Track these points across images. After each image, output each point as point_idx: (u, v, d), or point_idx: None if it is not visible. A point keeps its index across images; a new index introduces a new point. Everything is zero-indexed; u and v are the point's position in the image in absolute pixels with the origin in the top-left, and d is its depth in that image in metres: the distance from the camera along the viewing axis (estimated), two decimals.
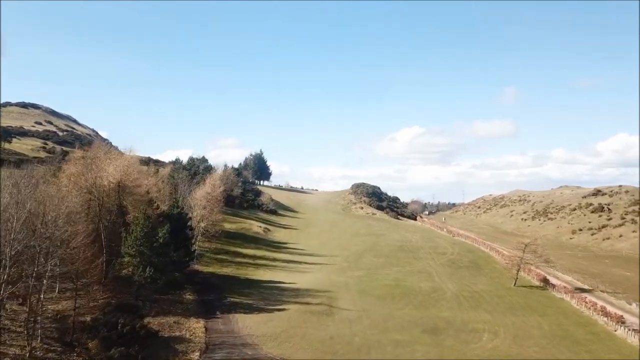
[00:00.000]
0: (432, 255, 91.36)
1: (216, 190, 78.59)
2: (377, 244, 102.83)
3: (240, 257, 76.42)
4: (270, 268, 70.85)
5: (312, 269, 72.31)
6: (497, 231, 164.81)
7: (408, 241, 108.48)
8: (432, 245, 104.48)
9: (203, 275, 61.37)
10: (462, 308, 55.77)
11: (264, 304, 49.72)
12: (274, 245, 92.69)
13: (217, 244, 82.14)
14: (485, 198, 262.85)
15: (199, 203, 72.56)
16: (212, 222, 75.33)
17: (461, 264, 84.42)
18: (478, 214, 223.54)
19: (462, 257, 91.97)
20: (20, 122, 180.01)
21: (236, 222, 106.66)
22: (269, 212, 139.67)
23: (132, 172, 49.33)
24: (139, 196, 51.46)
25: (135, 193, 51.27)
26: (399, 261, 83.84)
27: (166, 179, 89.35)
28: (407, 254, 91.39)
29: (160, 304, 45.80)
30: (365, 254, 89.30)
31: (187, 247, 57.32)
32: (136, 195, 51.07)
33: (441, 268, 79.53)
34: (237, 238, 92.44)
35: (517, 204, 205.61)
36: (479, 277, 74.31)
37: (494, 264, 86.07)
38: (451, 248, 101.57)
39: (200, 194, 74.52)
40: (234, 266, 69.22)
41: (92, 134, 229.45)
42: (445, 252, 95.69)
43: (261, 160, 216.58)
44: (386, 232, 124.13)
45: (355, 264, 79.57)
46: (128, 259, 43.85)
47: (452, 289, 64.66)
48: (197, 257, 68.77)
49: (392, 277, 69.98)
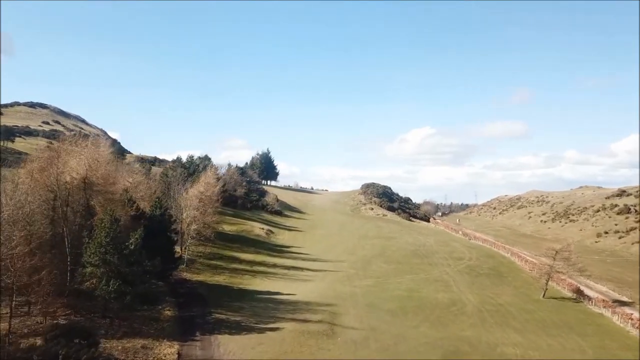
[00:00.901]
0: (449, 261, 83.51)
1: (210, 190, 71.43)
2: (387, 247, 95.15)
3: (237, 262, 69.23)
4: (268, 276, 63.52)
5: (315, 277, 64.89)
6: (515, 234, 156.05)
7: (421, 245, 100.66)
8: (448, 249, 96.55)
9: (190, 285, 54.22)
10: (487, 325, 47.95)
11: (254, 321, 42.31)
12: (276, 249, 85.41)
13: (212, 248, 75.11)
14: (501, 199, 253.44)
15: (191, 203, 65.50)
16: (205, 225, 68.31)
17: (481, 271, 76.51)
18: (494, 215, 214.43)
19: (482, 263, 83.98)
20: (28, 121, 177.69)
21: (237, 224, 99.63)
22: (274, 213, 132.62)
23: (100, 167, 42.24)
24: (111, 195, 44.39)
25: (108, 192, 44.22)
26: (412, 268, 76.14)
27: (159, 177, 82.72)
28: (421, 260, 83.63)
29: (130, 322, 38.65)
30: (375, 260, 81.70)
31: (170, 253, 50.26)
32: (109, 194, 44.00)
33: (459, 276, 71.69)
34: (236, 241, 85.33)
35: (534, 205, 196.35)
36: (502, 287, 66.37)
37: (517, 272, 77.99)
38: (468, 253, 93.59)
39: (193, 193, 67.46)
40: (228, 274, 61.99)
41: (100, 133, 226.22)
42: (463, 257, 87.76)
43: (268, 160, 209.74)
44: (397, 234, 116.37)
45: (364, 270, 72.02)
46: (91, 270, 36.77)
47: (473, 301, 56.84)
48: (187, 263, 61.74)
49: (404, 287, 62.32)
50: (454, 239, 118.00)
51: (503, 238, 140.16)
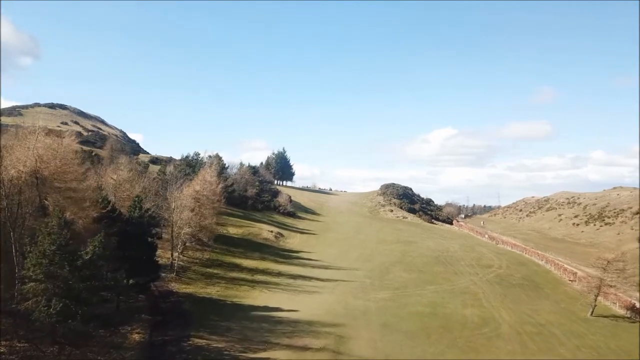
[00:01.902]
0: (476, 269, 74.55)
1: (209, 188, 63.92)
2: (407, 253, 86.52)
3: (236, 270, 61.54)
4: (270, 287, 55.60)
5: (323, 288, 56.76)
6: (545, 238, 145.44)
7: (445, 250, 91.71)
8: (475, 255, 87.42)
9: (175, 299, 46.60)
10: (529, 353, 39.29)
11: (240, 348, 34.42)
12: (284, 255, 77.52)
13: (211, 254, 67.66)
14: (527, 200, 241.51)
15: (185, 204, 58.04)
16: (201, 227, 60.90)
17: (513, 281, 67.49)
18: (520, 217, 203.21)
19: (513, 271, 74.83)
20: (47, 122, 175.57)
21: (244, 226, 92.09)
22: (286, 214, 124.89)
23: (55, 160, 34.91)
24: (75, 193, 37.05)
25: (71, 189, 36.90)
26: (435, 277, 67.48)
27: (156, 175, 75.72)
28: (445, 268, 74.83)
29: (85, 350, 31.18)
30: (393, 267, 73.22)
31: (150, 262, 42.76)
32: (71, 191, 36.68)
33: (489, 287, 62.82)
34: (241, 245, 77.74)
35: (565, 206, 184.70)
36: (539, 301, 57.34)
37: (555, 283, 68.76)
38: (497, 259, 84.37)
39: (188, 192, 60.04)
40: (224, 284, 54.31)
41: (119, 134, 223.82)
42: (491, 265, 78.66)
43: (284, 160, 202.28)
44: (419, 238, 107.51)
45: (380, 280, 63.68)
46: (31, 286, 29.40)
47: (509, 319, 48.05)
48: (178, 272, 54.26)
49: (426, 301, 53.79)
50: (479, 244, 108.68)
51: (532, 242, 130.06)
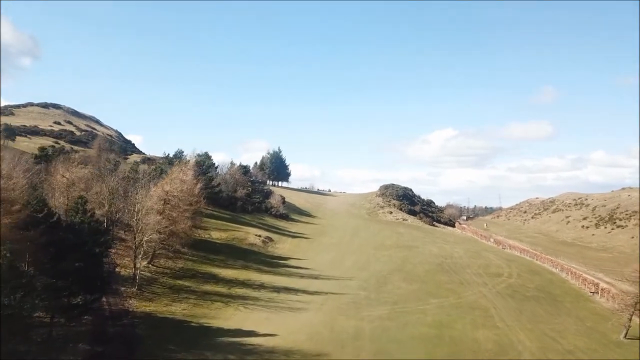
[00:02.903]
0: (484, 278, 66.82)
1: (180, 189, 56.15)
2: (408, 260, 78.79)
3: (212, 282, 53.75)
4: (247, 303, 47.75)
5: (310, 304, 48.96)
6: (553, 241, 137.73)
7: (449, 256, 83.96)
8: (481, 262, 79.67)
9: (129, 320, 38.66)
10: None
11: None
12: (270, 263, 69.77)
13: (187, 262, 59.91)
14: (531, 202, 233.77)
15: (152, 206, 50.26)
16: (172, 233, 53.20)
17: (527, 293, 59.75)
18: (525, 219, 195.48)
19: (526, 281, 67.14)
20: (39, 121, 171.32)
21: (229, 230, 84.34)
22: (278, 216, 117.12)
23: None
24: None
25: None
26: (439, 288, 59.72)
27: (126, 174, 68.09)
28: (449, 277, 67.08)
29: None
30: (392, 277, 65.48)
31: (93, 277, 34.99)
32: None
33: (501, 300, 55.07)
34: (222, 252, 70.01)
35: (572, 208, 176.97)
36: (561, 319, 49.52)
37: (575, 294, 61.04)
38: (507, 267, 76.62)
39: (156, 193, 52.29)
40: (193, 300, 46.47)
41: (114, 134, 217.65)
42: (501, 274, 70.93)
43: (279, 159, 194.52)
44: (420, 243, 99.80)
45: (377, 292, 55.90)
46: None
47: (530, 344, 40.23)
48: (140, 285, 46.48)
49: (430, 320, 46.00)
50: (485, 249, 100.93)
51: (540, 246, 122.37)
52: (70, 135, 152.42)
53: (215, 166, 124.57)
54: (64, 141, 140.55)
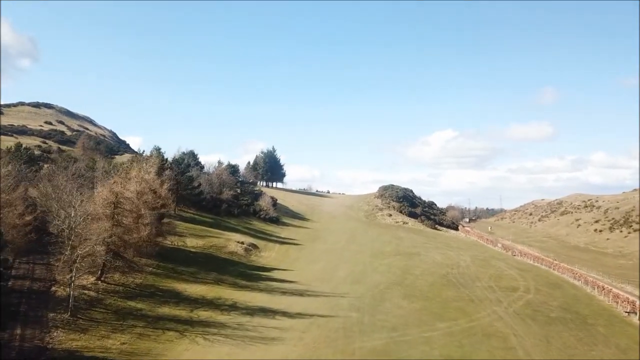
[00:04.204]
0: (498, 294, 57.52)
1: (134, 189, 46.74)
2: (409, 270, 69.51)
3: (172, 303, 44.39)
4: (209, 333, 38.30)
5: (290, 332, 39.61)
6: (565, 246, 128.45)
7: (455, 265, 74.68)
8: (492, 272, 70.40)
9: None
10: None
11: None
12: (249, 275, 60.44)
13: (147, 277, 50.60)
14: (537, 203, 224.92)
15: (95, 212, 40.91)
16: (123, 244, 43.88)
17: (551, 314, 50.41)
18: (531, 222, 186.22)
19: (546, 297, 57.85)
20: (29, 121, 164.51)
21: (208, 237, 75.01)
22: (268, 220, 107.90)
23: None
24: None
25: None
26: (446, 307, 50.39)
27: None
28: (458, 291, 57.80)
29: None
30: (391, 292, 56.20)
31: None
32: None
33: (521, 324, 45.73)
34: (195, 263, 60.74)
35: (582, 210, 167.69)
36: (599, 350, 40.22)
37: (607, 315, 51.59)
38: (522, 278, 67.35)
39: (102, 195, 42.92)
40: (140, 329, 37.10)
41: (107, 134, 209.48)
42: (516, 287, 61.63)
43: (273, 159, 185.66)
44: (422, 249, 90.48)
45: (372, 314, 46.57)
46: None
47: None
48: (75, 311, 37.13)
49: (438, 353, 36.68)
50: (493, 255, 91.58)
51: (552, 252, 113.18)
52: (60, 135, 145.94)
53: (199, 165, 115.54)
54: (52, 141, 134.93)
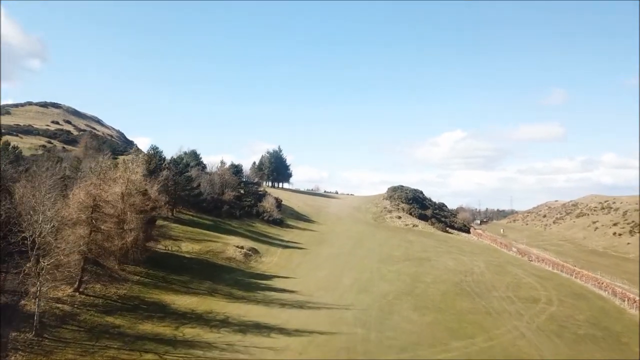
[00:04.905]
0: (517, 305, 52.51)
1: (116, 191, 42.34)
2: (419, 277, 64.66)
3: (156, 319, 39.91)
4: (192, 355, 33.69)
5: (284, 353, 34.95)
6: (583, 250, 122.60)
7: (469, 272, 69.73)
8: (509, 280, 65.39)
9: None
10: None
11: None
12: (247, 284, 55.85)
13: (133, 287, 46.21)
14: (551, 205, 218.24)
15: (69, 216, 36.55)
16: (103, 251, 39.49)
17: (579, 330, 45.40)
18: (546, 224, 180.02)
19: (571, 309, 52.75)
20: (36, 121, 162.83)
21: (205, 241, 70.67)
22: (272, 222, 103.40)
23: None
24: None
25: None
26: (462, 322, 45.51)
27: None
28: (473, 302, 52.86)
29: None
30: (400, 303, 51.38)
31: None
32: None
33: (547, 343, 40.79)
34: (189, 270, 56.32)
35: (599, 212, 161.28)
36: None
37: None
38: (542, 288, 62.29)
39: (77, 198, 38.54)
40: (114, 351, 32.50)
41: (114, 134, 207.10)
42: (537, 298, 56.57)
43: (279, 159, 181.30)
44: (433, 254, 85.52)
45: (379, 330, 41.82)
46: None
47: None
48: (44, 328, 32.76)
49: None
50: (509, 261, 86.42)
51: (570, 256, 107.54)
52: (66, 135, 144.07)
53: (201, 165, 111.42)
54: (57, 141, 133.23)
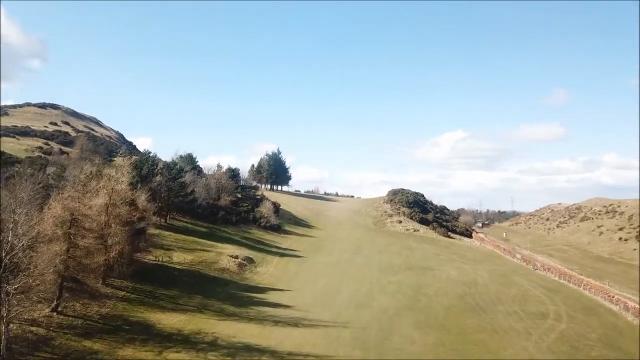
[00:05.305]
0: (525, 322, 49.66)
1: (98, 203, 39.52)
2: (422, 289, 61.84)
3: (138, 342, 37.08)
4: None
5: None
6: (588, 256, 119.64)
7: (473, 283, 66.97)
8: (515, 293, 62.63)
9: None
10: None
11: None
12: (240, 298, 52.97)
13: (117, 304, 43.41)
14: (553, 207, 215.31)
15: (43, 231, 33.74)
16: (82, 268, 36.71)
17: (592, 351, 42.72)
18: (549, 228, 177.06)
19: (581, 326, 49.92)
20: (34, 122, 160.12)
21: (198, 250, 67.87)
22: (269, 228, 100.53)
23: None
24: None
25: None
26: (467, 342, 42.67)
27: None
28: (479, 319, 50.02)
29: None
30: (401, 320, 48.53)
31: None
32: None
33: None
34: (179, 283, 53.51)
35: (603, 216, 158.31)
36: None
37: None
38: (550, 301, 59.50)
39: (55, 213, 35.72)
40: None
41: (113, 135, 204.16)
42: (545, 314, 53.72)
43: (278, 162, 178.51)
44: (435, 262, 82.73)
45: (379, 352, 38.97)
46: None
47: None
48: (10, 355, 29.94)
49: None
50: (513, 269, 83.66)
51: (575, 264, 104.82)
52: (64, 136, 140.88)
53: (197, 169, 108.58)
54: (55, 142, 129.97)
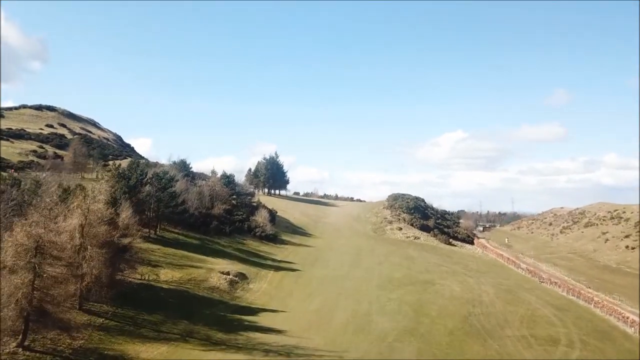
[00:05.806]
0: (535, 350, 46.28)
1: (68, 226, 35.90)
2: (423, 309, 58.23)
3: None
4: None
5: None
6: (595, 266, 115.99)
7: (477, 301, 63.42)
8: (523, 312, 59.09)
9: None
10: None
11: None
12: (229, 322, 49.36)
13: (93, 334, 39.85)
14: (556, 212, 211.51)
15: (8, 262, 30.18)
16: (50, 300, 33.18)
17: None
18: (552, 234, 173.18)
19: (597, 354, 46.58)
20: (30, 124, 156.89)
21: (186, 267, 64.24)
22: (264, 238, 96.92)
23: None
24: None
25: None
26: None
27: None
28: (485, 345, 46.52)
29: None
30: (402, 347, 44.98)
31: None
32: None
33: None
34: (165, 306, 49.94)
35: (608, 221, 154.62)
36: None
37: None
38: (560, 323, 55.99)
39: (18, 240, 32.10)
40: None
41: (110, 138, 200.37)
42: (557, 338, 50.19)
43: (276, 166, 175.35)
44: (437, 274, 79.16)
45: None
46: None
47: None
48: None
49: None
50: (520, 284, 79.95)
51: (581, 274, 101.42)
52: (59, 139, 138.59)
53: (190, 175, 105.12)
54: (50, 145, 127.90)
